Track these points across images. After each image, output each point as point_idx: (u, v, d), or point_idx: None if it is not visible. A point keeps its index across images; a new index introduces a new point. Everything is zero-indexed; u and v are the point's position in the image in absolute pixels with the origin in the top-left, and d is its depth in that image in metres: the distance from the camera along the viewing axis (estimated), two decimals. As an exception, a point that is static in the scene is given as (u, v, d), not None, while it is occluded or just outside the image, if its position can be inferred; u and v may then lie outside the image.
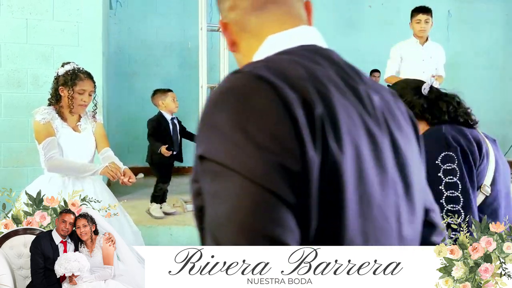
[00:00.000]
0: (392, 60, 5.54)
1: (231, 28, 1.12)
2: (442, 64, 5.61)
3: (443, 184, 1.82)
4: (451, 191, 1.80)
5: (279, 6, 1.09)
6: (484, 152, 1.91)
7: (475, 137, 1.94)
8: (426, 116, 2.07)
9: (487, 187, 1.88)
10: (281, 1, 1.10)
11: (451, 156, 1.84)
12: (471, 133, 1.96)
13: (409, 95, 2.11)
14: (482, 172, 1.89)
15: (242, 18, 1.10)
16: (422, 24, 5.35)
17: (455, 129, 1.97)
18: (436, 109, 2.06)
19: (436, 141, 1.90)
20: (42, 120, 3.05)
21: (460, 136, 1.91)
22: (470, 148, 1.88)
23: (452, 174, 1.82)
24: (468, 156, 1.86)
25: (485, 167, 1.90)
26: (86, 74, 3.20)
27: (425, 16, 5.35)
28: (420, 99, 2.09)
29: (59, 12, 5.11)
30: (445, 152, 1.86)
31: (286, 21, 1.08)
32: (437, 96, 2.10)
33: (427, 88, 2.10)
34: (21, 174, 4.94)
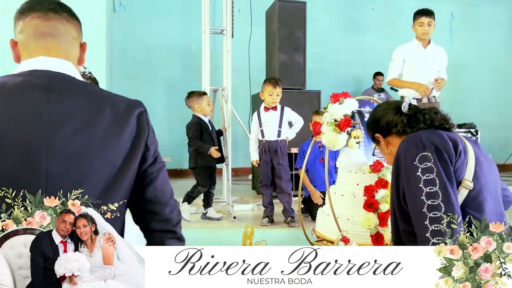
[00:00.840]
0: (395, 62, 5.53)
1: (18, 46, 1.56)
2: (445, 67, 5.59)
3: (422, 182, 1.94)
4: (430, 187, 1.92)
5: (51, 39, 1.54)
6: (460, 149, 2.03)
7: (450, 137, 2.07)
8: (407, 130, 2.24)
9: (468, 181, 1.99)
10: (56, 36, 1.54)
11: (427, 156, 1.97)
12: (447, 134, 2.10)
13: (391, 114, 2.31)
14: (460, 168, 2.01)
15: (25, 41, 1.53)
16: (425, 26, 5.34)
17: (431, 132, 2.13)
18: (414, 121, 2.24)
19: (413, 144, 2.05)
20: None
21: (434, 137, 2.06)
22: (445, 146, 2.01)
23: (429, 171, 1.94)
24: (443, 153, 1.99)
25: (463, 162, 2.01)
26: (90, 80, 3.19)
27: (427, 18, 5.34)
28: (401, 117, 2.28)
29: (62, 15, 5.13)
30: (421, 153, 1.99)
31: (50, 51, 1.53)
32: (415, 111, 2.28)
33: (407, 106, 2.29)
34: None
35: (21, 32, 1.54)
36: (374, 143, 2.47)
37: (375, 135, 2.39)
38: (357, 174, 3.35)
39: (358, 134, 3.50)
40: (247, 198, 6.29)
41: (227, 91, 5.92)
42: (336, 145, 3.28)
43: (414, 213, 1.96)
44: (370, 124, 2.43)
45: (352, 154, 3.43)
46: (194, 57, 8.27)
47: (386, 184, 3.18)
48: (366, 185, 3.22)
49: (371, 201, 3.16)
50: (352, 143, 3.43)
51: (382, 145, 2.38)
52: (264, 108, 5.00)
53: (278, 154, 4.94)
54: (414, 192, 1.95)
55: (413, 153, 2.01)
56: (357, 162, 3.41)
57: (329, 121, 3.28)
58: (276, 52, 6.64)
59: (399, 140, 2.21)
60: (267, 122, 4.99)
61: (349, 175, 3.38)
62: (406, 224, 2.05)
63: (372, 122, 2.40)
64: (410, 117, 2.26)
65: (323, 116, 3.35)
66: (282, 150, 4.98)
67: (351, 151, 3.44)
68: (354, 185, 3.32)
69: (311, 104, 6.55)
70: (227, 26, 6.06)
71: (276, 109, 4.98)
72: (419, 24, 5.37)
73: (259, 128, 5.02)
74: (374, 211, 3.16)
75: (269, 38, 7.14)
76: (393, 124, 2.28)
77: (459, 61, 9.70)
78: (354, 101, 3.33)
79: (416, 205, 1.94)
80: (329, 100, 3.35)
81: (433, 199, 1.90)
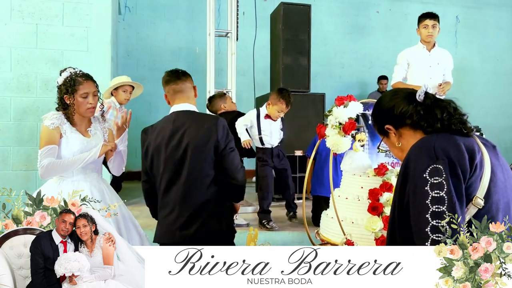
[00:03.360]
0: (399, 66, 5.53)
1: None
2: (450, 70, 5.58)
3: (429, 198, 1.77)
4: (436, 206, 1.75)
5: (181, 94, 3.07)
6: (477, 163, 1.85)
7: (468, 147, 1.88)
8: (423, 125, 2.03)
9: (479, 199, 1.81)
10: (181, 92, 3.08)
11: (438, 169, 1.80)
12: (465, 142, 1.90)
13: (405, 103, 2.07)
14: (473, 184, 1.83)
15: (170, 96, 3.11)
16: (429, 29, 5.34)
17: (447, 139, 1.91)
18: (431, 116, 2.01)
19: (425, 152, 1.86)
20: (51, 126, 3.05)
21: (450, 147, 1.86)
22: (460, 160, 1.82)
23: (439, 188, 1.77)
24: (456, 168, 1.81)
25: (477, 178, 1.84)
26: (84, 77, 3.14)
27: (432, 21, 5.34)
28: (417, 107, 2.04)
29: (68, 17, 5.16)
30: (433, 165, 1.81)
31: (181, 100, 3.07)
32: (433, 102, 2.05)
33: (422, 95, 2.05)
34: (29, 177, 4.98)
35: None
36: (381, 136, 2.21)
37: (385, 126, 2.13)
38: (361, 177, 3.33)
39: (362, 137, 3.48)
40: (251, 200, 6.29)
41: (232, 94, 5.93)
42: (341, 148, 3.27)
43: (416, 230, 1.79)
44: (379, 115, 2.19)
45: (356, 157, 3.42)
46: (199, 59, 8.29)
47: (391, 187, 3.16)
48: (371, 188, 3.21)
49: (376, 204, 3.15)
50: (357, 146, 3.42)
51: (393, 138, 2.14)
52: (265, 116, 5.03)
53: (280, 156, 5.16)
54: (419, 207, 1.80)
55: (424, 163, 1.83)
56: (361, 165, 3.39)
57: (334, 124, 3.27)
58: (280, 55, 6.65)
59: (413, 133, 2.05)
60: (267, 131, 5.04)
61: (354, 178, 3.37)
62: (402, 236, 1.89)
63: (382, 112, 2.17)
64: (427, 108, 2.03)
65: (328, 119, 3.34)
66: (282, 151, 5.19)
67: (355, 154, 3.42)
68: (359, 188, 3.30)
69: (315, 107, 6.55)
70: (232, 28, 6.08)
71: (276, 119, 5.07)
72: (424, 26, 5.37)
73: (258, 135, 5.06)
74: (378, 215, 3.14)
75: (273, 41, 7.14)
76: (408, 115, 2.04)
77: (463, 64, 9.68)
78: (359, 104, 3.32)
79: (419, 223, 1.78)
80: (334, 103, 3.35)
81: (438, 220, 1.73)
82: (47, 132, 3.04)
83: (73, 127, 3.13)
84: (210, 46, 5.89)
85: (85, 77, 3.13)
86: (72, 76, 3.10)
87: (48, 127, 3.04)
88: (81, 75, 3.13)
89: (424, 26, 5.37)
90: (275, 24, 6.96)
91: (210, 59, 5.87)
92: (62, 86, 3.11)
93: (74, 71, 3.13)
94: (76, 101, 3.08)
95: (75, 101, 3.08)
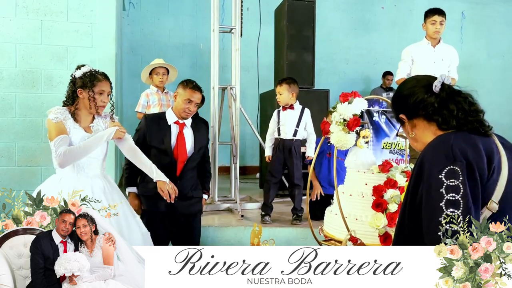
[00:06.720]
0: (404, 62, 5.51)
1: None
2: (455, 66, 5.56)
3: (444, 201, 1.72)
4: (451, 210, 1.69)
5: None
6: (494, 166, 1.78)
7: (487, 149, 1.81)
8: (436, 118, 1.95)
9: (495, 203, 1.74)
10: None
11: (455, 171, 1.73)
12: (483, 143, 1.83)
13: (421, 93, 1.99)
14: (490, 188, 1.77)
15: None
16: (437, 25, 5.32)
17: (465, 139, 1.84)
18: (445, 111, 1.93)
19: (442, 152, 1.79)
20: (54, 119, 3.12)
21: (468, 148, 1.78)
22: (478, 162, 1.76)
23: (455, 191, 1.71)
24: (474, 171, 1.74)
25: (494, 181, 1.77)
26: (103, 75, 3.28)
27: (440, 17, 5.32)
28: (432, 97, 1.96)
29: (73, 13, 5.16)
30: (450, 166, 1.75)
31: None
32: (448, 95, 1.96)
33: (439, 86, 1.96)
34: (34, 173, 4.99)
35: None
36: (399, 123, 2.15)
37: (399, 115, 2.08)
38: (365, 174, 3.33)
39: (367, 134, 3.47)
40: (255, 196, 6.29)
41: (236, 90, 5.92)
42: (345, 145, 3.27)
43: (427, 231, 1.74)
44: (395, 102, 2.13)
45: (360, 154, 3.41)
46: (203, 55, 8.29)
47: (395, 184, 3.15)
48: (375, 185, 3.20)
49: (380, 201, 3.14)
50: (361, 143, 3.41)
51: (407, 127, 2.07)
52: (282, 108, 5.07)
53: (292, 153, 5.01)
54: (432, 209, 1.74)
55: (441, 164, 1.76)
56: (365, 162, 3.39)
57: (338, 121, 3.27)
58: (285, 51, 6.63)
59: (427, 124, 1.98)
60: (284, 120, 5.04)
61: (358, 175, 3.36)
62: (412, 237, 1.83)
63: (398, 100, 2.11)
64: (442, 101, 1.95)
65: (332, 116, 3.34)
66: (296, 149, 5.04)
67: (359, 150, 3.42)
68: (363, 185, 3.30)
69: (319, 103, 6.54)
70: (236, 24, 6.06)
71: (293, 108, 5.03)
72: (431, 22, 5.34)
73: (277, 126, 5.09)
74: (382, 211, 3.13)
75: (278, 37, 7.13)
76: (422, 106, 1.97)
77: (469, 61, 9.63)
78: (363, 100, 3.31)
79: (431, 226, 1.72)
80: (338, 99, 3.34)
81: (451, 224, 1.68)
82: (54, 124, 3.12)
83: (76, 123, 3.18)
84: (214, 42, 5.87)
85: (103, 76, 3.29)
86: (92, 72, 3.23)
87: (52, 120, 3.11)
88: (100, 73, 3.30)
89: (432, 22, 5.34)
90: (280, 20, 6.94)
91: (214, 55, 5.85)
92: (79, 79, 3.21)
93: (94, 69, 3.25)
94: (90, 97, 3.16)
95: (89, 96, 3.15)
